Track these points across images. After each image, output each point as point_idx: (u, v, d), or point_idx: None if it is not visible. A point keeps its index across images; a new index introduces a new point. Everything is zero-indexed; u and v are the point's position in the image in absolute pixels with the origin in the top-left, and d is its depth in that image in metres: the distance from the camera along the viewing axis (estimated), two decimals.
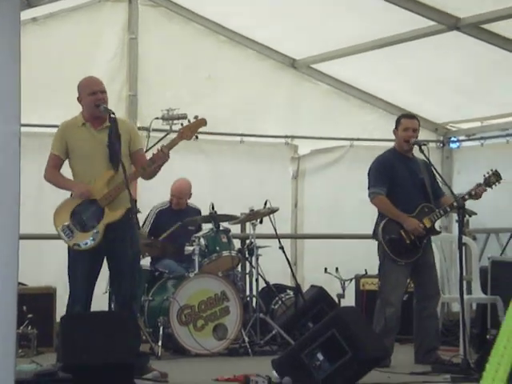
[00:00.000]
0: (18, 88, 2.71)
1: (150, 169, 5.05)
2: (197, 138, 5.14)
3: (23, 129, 3.17)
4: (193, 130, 5.08)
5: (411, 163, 5.84)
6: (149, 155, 5.32)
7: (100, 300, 5.62)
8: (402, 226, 5.67)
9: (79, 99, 5.13)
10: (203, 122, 5.14)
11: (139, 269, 6.43)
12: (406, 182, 5.77)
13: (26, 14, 6.47)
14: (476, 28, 6.69)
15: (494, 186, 5.73)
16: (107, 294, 5.90)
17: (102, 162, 5.03)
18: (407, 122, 5.82)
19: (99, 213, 5.00)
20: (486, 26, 6.66)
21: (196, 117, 5.15)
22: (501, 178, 5.74)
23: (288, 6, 7.19)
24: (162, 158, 4.99)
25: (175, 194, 7.00)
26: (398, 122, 5.85)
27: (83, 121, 5.10)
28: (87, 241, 4.98)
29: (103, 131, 5.06)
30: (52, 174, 5.14)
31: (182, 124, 5.20)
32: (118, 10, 7.63)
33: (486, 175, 5.72)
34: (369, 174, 5.84)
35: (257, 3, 7.26)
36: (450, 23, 6.66)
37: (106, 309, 5.79)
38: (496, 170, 5.76)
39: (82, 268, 5.00)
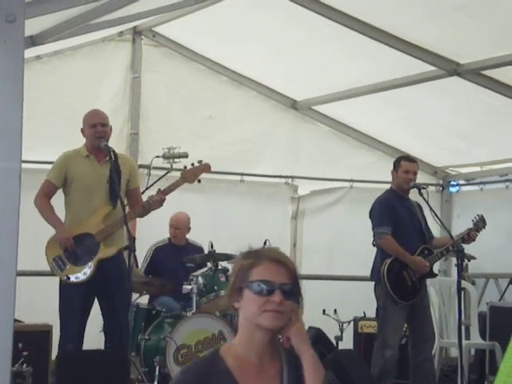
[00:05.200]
0: (20, 125, 2.72)
1: (146, 211, 5.04)
2: (199, 181, 5.12)
3: (23, 165, 3.17)
4: (196, 174, 5.07)
5: (408, 204, 5.88)
6: (150, 192, 5.33)
7: (98, 338, 5.56)
8: (405, 267, 5.66)
9: (82, 130, 5.14)
10: (207, 168, 5.12)
11: (138, 306, 6.44)
12: (406, 223, 5.78)
13: (30, 52, 6.53)
14: (476, 74, 6.74)
15: (480, 232, 5.77)
16: (103, 332, 5.85)
17: (101, 196, 5.01)
18: (408, 165, 5.83)
19: (94, 247, 4.96)
20: (486, 72, 6.70)
21: (200, 161, 5.14)
22: (485, 224, 5.80)
23: (290, 48, 7.26)
24: (159, 202, 4.98)
25: (173, 224, 6.99)
26: (397, 164, 5.86)
27: (87, 152, 5.10)
28: (79, 275, 4.94)
29: (105, 165, 5.05)
30: (43, 204, 5.06)
31: (184, 167, 5.19)
32: (122, 49, 7.70)
33: (474, 220, 5.78)
34: (371, 214, 5.82)
35: (259, 44, 7.33)
36: (450, 68, 6.71)
37: (102, 347, 5.74)
38: (482, 216, 5.82)
39: (74, 305, 4.95)
